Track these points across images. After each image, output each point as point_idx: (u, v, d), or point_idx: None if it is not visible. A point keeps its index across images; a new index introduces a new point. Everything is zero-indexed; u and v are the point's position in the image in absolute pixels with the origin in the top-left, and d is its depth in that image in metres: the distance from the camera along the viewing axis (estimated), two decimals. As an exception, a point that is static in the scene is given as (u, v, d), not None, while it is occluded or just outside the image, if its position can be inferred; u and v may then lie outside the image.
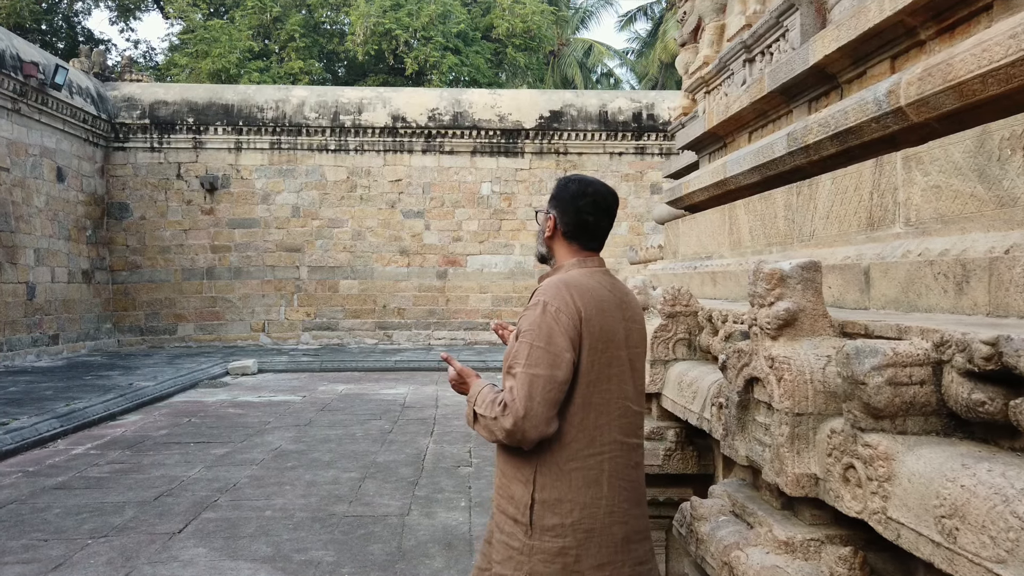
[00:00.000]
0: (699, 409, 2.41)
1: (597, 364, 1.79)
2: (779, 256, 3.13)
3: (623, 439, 1.83)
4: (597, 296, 1.83)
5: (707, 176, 4.28)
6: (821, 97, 3.36)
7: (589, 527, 1.75)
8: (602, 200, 1.94)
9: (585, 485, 1.76)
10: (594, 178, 1.99)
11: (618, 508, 1.79)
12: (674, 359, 2.82)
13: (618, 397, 1.82)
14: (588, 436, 1.78)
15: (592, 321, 1.79)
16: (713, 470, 2.79)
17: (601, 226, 1.95)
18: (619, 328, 1.86)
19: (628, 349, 1.87)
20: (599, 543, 1.75)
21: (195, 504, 5.20)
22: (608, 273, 1.95)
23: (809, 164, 3.17)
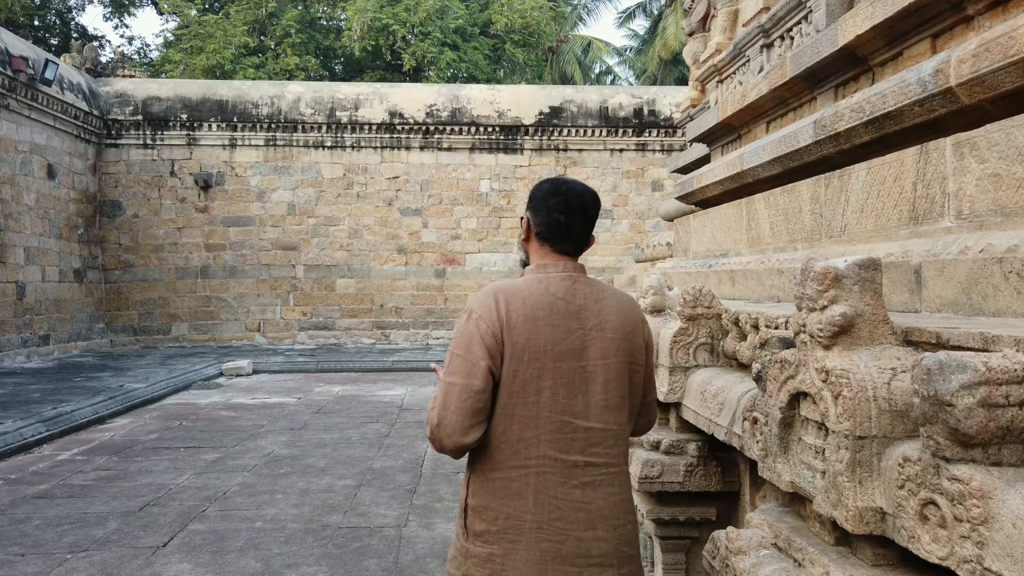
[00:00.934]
0: (727, 423, 2.17)
1: (521, 375, 1.70)
2: (806, 253, 2.90)
3: (558, 455, 1.71)
4: (533, 304, 1.72)
5: (721, 169, 4.04)
6: (849, 82, 3.12)
7: (514, 539, 1.70)
8: (575, 199, 1.82)
9: (508, 496, 1.71)
10: (573, 180, 1.89)
11: (549, 526, 1.69)
12: (695, 366, 2.59)
13: (551, 411, 1.71)
14: (512, 448, 1.71)
15: (517, 330, 1.70)
16: (739, 487, 2.55)
17: (574, 227, 1.82)
18: (566, 338, 1.72)
19: (586, 360, 1.73)
20: (525, 558, 1.69)
21: (182, 515, 4.95)
22: (575, 279, 1.79)
23: (838, 154, 2.93)
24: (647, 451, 2.60)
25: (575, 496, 1.71)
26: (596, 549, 1.71)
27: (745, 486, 2.52)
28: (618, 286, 4.21)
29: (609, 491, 1.75)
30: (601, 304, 1.78)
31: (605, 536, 1.72)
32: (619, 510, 1.76)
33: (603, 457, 1.74)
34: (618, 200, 16.04)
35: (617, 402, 1.77)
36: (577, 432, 1.72)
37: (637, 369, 1.82)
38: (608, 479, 1.75)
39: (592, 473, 1.73)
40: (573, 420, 1.72)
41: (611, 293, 1.84)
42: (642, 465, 2.53)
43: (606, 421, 1.75)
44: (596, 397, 1.74)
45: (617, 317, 1.79)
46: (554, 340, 1.71)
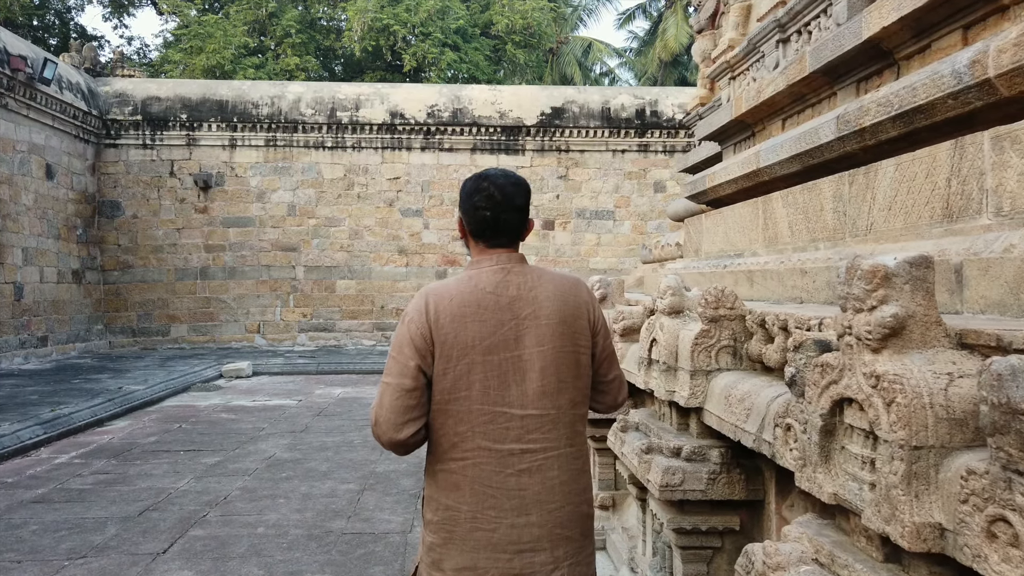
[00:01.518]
0: (755, 429, 2.07)
1: (452, 372, 1.74)
2: (829, 253, 2.81)
3: (492, 446, 1.74)
4: (462, 301, 1.76)
5: (736, 167, 3.95)
6: (873, 76, 3.03)
7: (450, 529, 1.76)
8: (498, 191, 1.81)
9: (448, 488, 1.78)
10: (499, 171, 1.88)
11: (482, 515, 1.74)
12: (717, 369, 2.49)
13: (483, 403, 1.74)
14: (449, 442, 1.77)
15: (445, 328, 1.75)
16: (763, 495, 2.46)
17: (502, 219, 1.82)
18: (496, 331, 1.75)
19: (522, 349, 1.76)
20: (459, 547, 1.75)
21: (182, 520, 4.85)
22: (508, 270, 1.81)
23: (863, 150, 2.84)
24: (667, 458, 2.50)
25: (510, 484, 1.75)
26: (528, 535, 1.74)
27: (770, 494, 2.42)
28: (627, 287, 4.11)
29: (547, 475, 1.77)
30: (536, 291, 1.80)
31: (538, 521, 1.75)
32: (555, 493, 1.77)
33: (540, 443, 1.76)
34: (620, 201, 15.95)
35: (555, 387, 1.77)
36: (512, 421, 1.75)
37: (582, 351, 1.83)
38: (546, 463, 1.77)
39: (528, 460, 1.75)
40: (507, 410, 1.75)
41: (549, 279, 1.84)
42: (663, 472, 2.43)
43: (543, 407, 1.77)
44: (532, 385, 1.76)
45: (553, 303, 1.80)
46: (483, 335, 1.75)
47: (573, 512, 1.81)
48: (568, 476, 1.81)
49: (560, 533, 1.77)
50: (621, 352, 3.75)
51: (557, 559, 1.76)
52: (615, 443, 3.06)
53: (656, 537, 2.82)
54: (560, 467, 1.79)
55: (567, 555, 1.78)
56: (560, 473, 1.79)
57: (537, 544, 1.75)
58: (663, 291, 2.80)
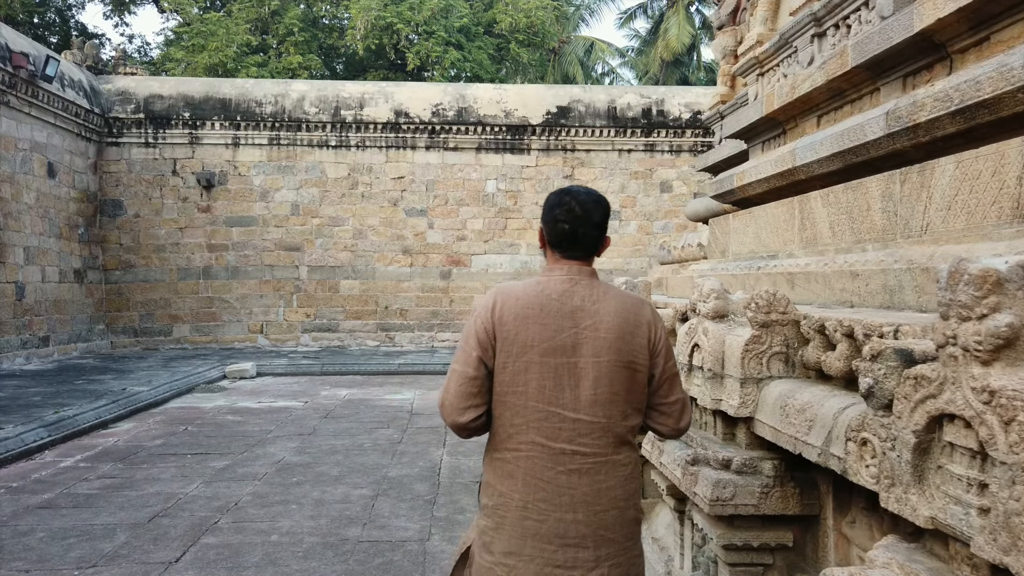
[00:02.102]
0: (819, 443, 1.95)
1: (511, 367, 1.86)
2: (880, 255, 2.69)
3: (545, 442, 1.85)
4: (527, 303, 1.88)
5: (768, 166, 3.83)
6: (921, 71, 2.91)
7: (503, 515, 1.87)
8: (579, 206, 1.93)
9: (503, 476, 1.88)
10: (580, 188, 1.98)
11: (533, 506, 1.84)
12: (769, 377, 2.37)
13: (538, 401, 1.85)
14: (506, 432, 1.88)
15: (507, 326, 1.86)
16: (819, 510, 2.34)
17: (579, 233, 1.93)
18: (556, 335, 1.85)
19: (579, 357, 1.85)
20: (509, 532, 1.86)
21: (193, 527, 4.73)
22: (576, 281, 1.91)
23: (914, 147, 2.72)
24: (716, 470, 2.38)
25: (560, 481, 1.85)
26: (574, 531, 1.83)
27: (827, 509, 2.30)
28: (645, 289, 3.99)
29: (596, 479, 1.85)
30: (599, 305, 1.88)
31: (585, 520, 1.84)
32: (602, 496, 1.86)
33: (590, 447, 1.85)
34: (626, 201, 15.83)
35: (608, 397, 1.85)
36: (564, 423, 1.84)
37: (638, 368, 1.89)
38: (595, 467, 1.85)
39: (579, 461, 1.85)
40: (560, 411, 1.85)
41: (613, 295, 1.92)
42: (713, 486, 2.31)
43: (594, 414, 1.85)
44: (586, 392, 1.85)
45: (614, 318, 1.88)
46: (542, 337, 1.85)
47: (619, 516, 1.88)
48: (615, 482, 1.88)
49: (604, 535, 1.86)
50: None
51: (599, 558, 1.85)
52: (651, 452, 2.94)
53: (697, 551, 2.70)
54: (607, 473, 1.87)
55: (609, 555, 1.86)
56: (607, 479, 1.87)
57: (582, 541, 1.84)
58: (706, 294, 2.68)
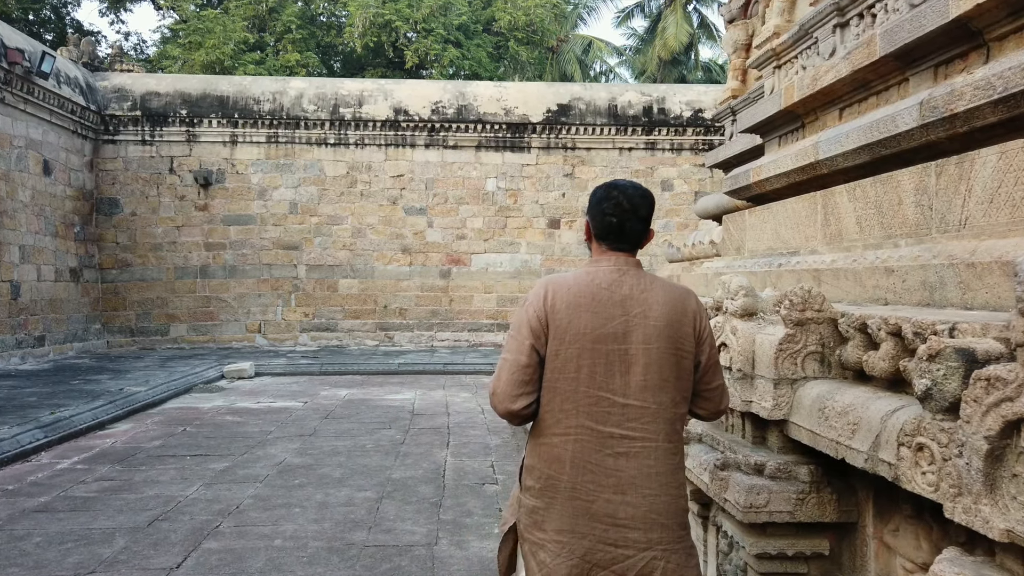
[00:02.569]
0: (866, 448, 1.85)
1: (563, 354, 1.90)
2: (914, 250, 2.58)
3: (594, 426, 1.89)
4: (578, 292, 1.92)
5: (787, 160, 3.72)
6: (955, 60, 2.80)
7: (552, 495, 1.91)
8: (626, 200, 1.99)
9: (551, 459, 1.92)
10: (628, 182, 2.05)
11: (581, 487, 1.88)
12: (804, 378, 2.26)
13: (589, 387, 1.89)
14: (554, 417, 1.91)
15: (560, 314, 1.91)
16: (857, 517, 2.23)
17: (626, 227, 1.99)
18: (607, 323, 1.90)
19: (628, 344, 1.90)
20: (560, 512, 1.90)
21: (194, 531, 4.61)
22: (624, 271, 1.97)
23: (950, 138, 2.62)
24: (749, 476, 2.27)
25: (608, 463, 1.88)
26: (623, 512, 1.87)
27: (867, 516, 2.20)
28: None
29: (644, 463, 1.89)
30: (648, 294, 1.93)
31: (634, 502, 1.87)
32: (652, 481, 1.88)
33: (639, 431, 1.89)
34: (627, 200, 15.70)
35: (657, 383, 1.90)
36: (614, 407, 1.89)
37: (685, 355, 1.94)
38: (644, 451, 1.89)
39: (627, 445, 1.88)
40: (610, 396, 1.89)
41: (660, 285, 1.98)
42: (746, 492, 2.20)
43: (644, 400, 1.89)
44: (636, 377, 1.89)
45: (663, 307, 1.92)
46: (594, 324, 1.90)
47: (670, 502, 1.91)
48: (665, 468, 1.91)
49: (655, 519, 1.88)
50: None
51: (651, 541, 1.87)
52: (675, 455, 2.84)
53: (723, 559, 2.60)
54: (657, 458, 1.90)
55: (661, 540, 1.88)
56: (656, 464, 1.90)
57: (632, 522, 1.87)
58: (734, 292, 2.57)
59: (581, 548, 1.87)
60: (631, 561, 1.86)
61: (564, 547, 1.89)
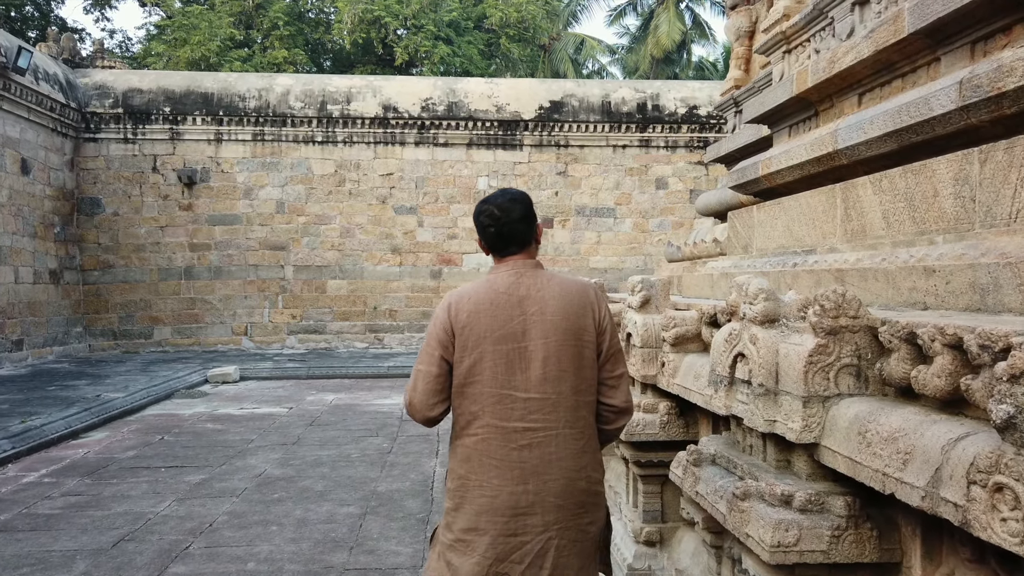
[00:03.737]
0: (923, 483, 1.55)
1: (468, 360, 2.02)
2: (956, 247, 2.29)
3: (499, 423, 2.00)
4: (480, 299, 2.05)
5: (801, 151, 3.43)
6: (996, 35, 2.51)
7: (462, 495, 2.02)
8: (497, 209, 2.11)
9: (463, 459, 2.04)
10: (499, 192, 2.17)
11: (487, 484, 1.99)
12: (838, 395, 1.96)
13: (492, 387, 2.01)
14: (465, 420, 2.05)
15: (464, 322, 2.03)
16: (900, 556, 1.93)
17: (504, 232, 2.10)
18: (506, 324, 2.02)
19: (527, 341, 2.02)
20: (467, 511, 2.01)
21: (162, 553, 4.28)
22: (520, 274, 2.08)
23: (994, 121, 2.32)
24: (775, 508, 1.97)
25: (512, 457, 2.00)
26: (524, 501, 1.98)
27: (912, 556, 1.90)
28: (663, 288, 3.59)
29: (546, 451, 2.01)
30: (543, 292, 2.06)
31: (534, 490, 1.99)
32: (552, 467, 2.01)
33: (540, 422, 2.01)
34: (621, 198, 15.43)
35: (556, 375, 2.03)
36: (516, 403, 2.01)
37: (586, 345, 2.07)
38: (545, 440, 2.01)
39: (529, 436, 2.01)
40: (513, 392, 2.01)
41: (557, 282, 2.10)
42: (773, 529, 1.90)
43: (544, 391, 2.01)
44: (535, 371, 2.01)
45: (558, 302, 2.06)
46: (493, 327, 2.02)
47: (567, 485, 2.03)
48: (565, 453, 2.03)
49: (552, 501, 2.00)
50: (674, 365, 3.23)
51: (547, 523, 2.00)
52: (684, 479, 2.53)
53: (741, 596, 2.29)
54: (558, 445, 2.03)
55: (557, 520, 2.01)
56: (557, 450, 2.02)
57: (530, 509, 1.99)
58: (752, 295, 2.26)
59: (482, 544, 1.98)
60: (528, 547, 1.98)
61: (467, 545, 2.00)
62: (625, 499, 3.88)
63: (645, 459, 3.49)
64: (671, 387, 3.23)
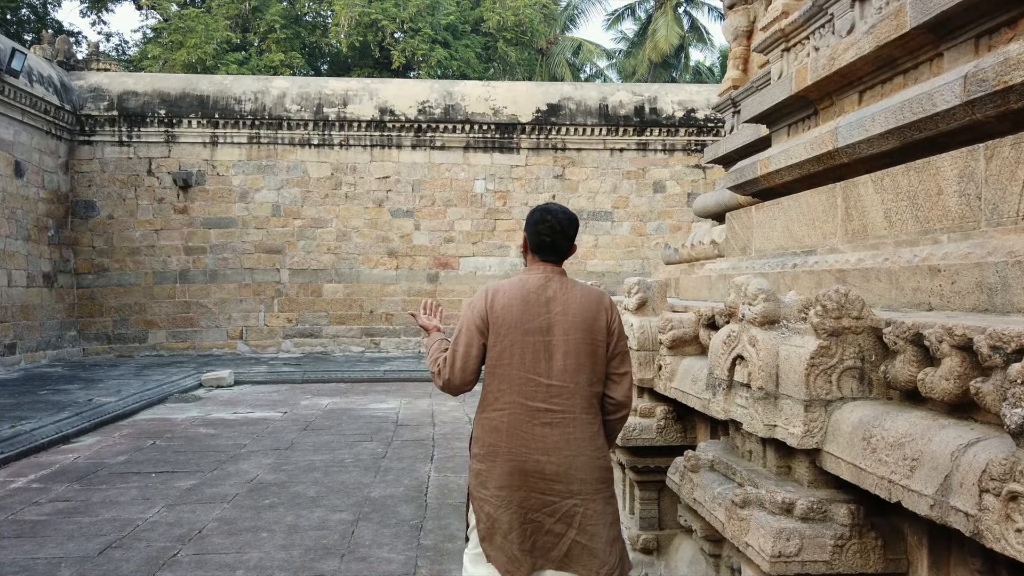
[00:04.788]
0: (932, 491, 1.47)
1: (499, 345, 2.35)
2: (962, 246, 2.22)
3: (524, 402, 2.33)
4: (513, 295, 2.38)
5: (801, 149, 3.36)
6: (1001, 29, 2.44)
7: (492, 459, 2.35)
8: (557, 223, 2.44)
9: (491, 429, 2.37)
10: (558, 206, 2.51)
11: (516, 451, 2.31)
12: (840, 399, 1.89)
13: (520, 370, 2.34)
14: (494, 396, 2.37)
15: (497, 313, 2.36)
16: (907, 567, 1.85)
17: (557, 243, 2.45)
18: (534, 319, 2.35)
19: (552, 336, 2.35)
20: (499, 472, 2.33)
21: (149, 560, 4.20)
22: (550, 278, 2.42)
23: (999, 117, 2.26)
24: (775, 516, 1.89)
25: (536, 432, 2.33)
26: (550, 469, 2.31)
27: (919, 566, 1.82)
28: (660, 290, 3.53)
29: (565, 430, 2.33)
30: (568, 296, 2.40)
31: (558, 461, 2.31)
32: (571, 444, 2.33)
33: (560, 406, 2.34)
34: (618, 202, 15.38)
35: (575, 367, 2.35)
36: (540, 387, 2.34)
37: (599, 344, 2.40)
38: (564, 421, 2.34)
39: (550, 416, 2.33)
40: (537, 378, 2.34)
41: (579, 288, 2.45)
42: (773, 538, 1.83)
43: (564, 380, 2.34)
44: (557, 363, 2.35)
45: (579, 305, 2.40)
46: (523, 320, 2.35)
47: (588, 462, 2.35)
48: (582, 435, 2.35)
49: (574, 474, 2.32)
50: (671, 368, 3.16)
51: (572, 491, 2.32)
52: (682, 485, 2.45)
53: (740, 607, 2.21)
54: (575, 427, 2.35)
55: (580, 491, 2.32)
56: (575, 431, 2.35)
57: (556, 477, 2.31)
58: (751, 295, 2.19)
59: (518, 498, 2.31)
60: (556, 506, 2.31)
61: (504, 500, 2.32)
62: (621, 505, 3.80)
63: (642, 465, 3.41)
64: (668, 391, 3.16)
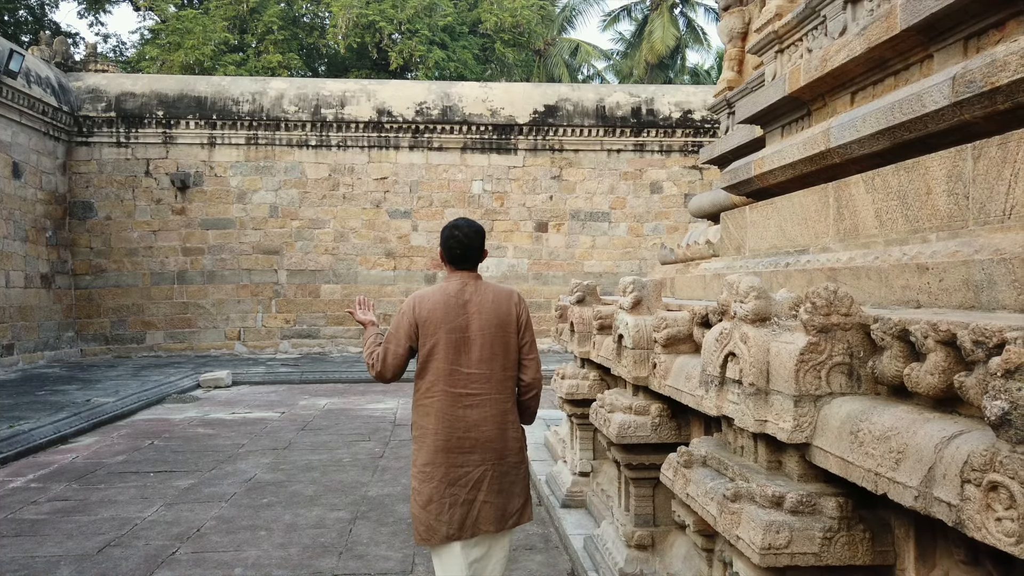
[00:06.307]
0: (916, 483, 1.51)
1: (428, 343, 2.75)
2: (950, 244, 2.25)
3: (449, 389, 2.74)
4: (436, 300, 2.76)
5: (794, 150, 3.40)
6: (989, 31, 2.49)
7: (423, 439, 2.77)
8: (464, 237, 2.81)
9: (423, 414, 2.78)
10: (463, 220, 2.89)
11: (442, 431, 2.72)
12: (829, 394, 1.92)
13: (445, 363, 2.74)
14: (427, 386, 2.77)
15: (425, 317, 2.75)
16: (894, 559, 1.89)
17: (467, 254, 2.82)
18: (455, 319, 2.74)
19: (469, 332, 2.75)
20: (427, 450, 2.74)
21: (147, 559, 4.22)
22: (465, 283, 2.80)
23: (987, 117, 2.30)
24: (766, 510, 1.92)
25: (459, 413, 2.73)
26: (467, 443, 2.72)
27: (906, 558, 1.86)
28: (655, 290, 3.56)
29: (482, 410, 2.75)
30: (482, 297, 2.78)
31: (474, 436, 2.73)
32: (487, 421, 2.75)
33: (478, 390, 2.75)
34: (616, 203, 15.42)
35: (490, 356, 2.77)
36: (461, 375, 2.74)
37: (511, 336, 2.82)
38: (482, 403, 2.75)
39: (471, 400, 2.74)
40: (459, 368, 2.74)
41: (492, 290, 2.83)
42: (763, 531, 1.86)
43: (481, 368, 2.76)
44: (475, 354, 2.75)
45: (492, 305, 2.79)
46: (446, 320, 2.74)
47: (498, 433, 2.78)
48: (496, 412, 2.78)
49: (487, 444, 2.75)
50: (665, 366, 3.18)
51: (484, 459, 2.74)
52: (675, 481, 2.48)
53: (732, 601, 2.24)
54: (491, 406, 2.77)
55: (490, 458, 2.75)
56: (490, 410, 2.77)
57: (471, 450, 2.73)
58: (743, 293, 2.23)
59: (439, 473, 2.70)
60: (469, 475, 2.71)
61: (427, 475, 2.73)
62: (617, 502, 3.83)
63: (636, 462, 3.44)
64: (663, 389, 3.19)
